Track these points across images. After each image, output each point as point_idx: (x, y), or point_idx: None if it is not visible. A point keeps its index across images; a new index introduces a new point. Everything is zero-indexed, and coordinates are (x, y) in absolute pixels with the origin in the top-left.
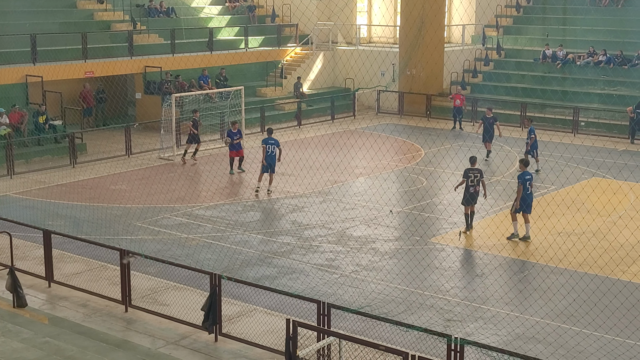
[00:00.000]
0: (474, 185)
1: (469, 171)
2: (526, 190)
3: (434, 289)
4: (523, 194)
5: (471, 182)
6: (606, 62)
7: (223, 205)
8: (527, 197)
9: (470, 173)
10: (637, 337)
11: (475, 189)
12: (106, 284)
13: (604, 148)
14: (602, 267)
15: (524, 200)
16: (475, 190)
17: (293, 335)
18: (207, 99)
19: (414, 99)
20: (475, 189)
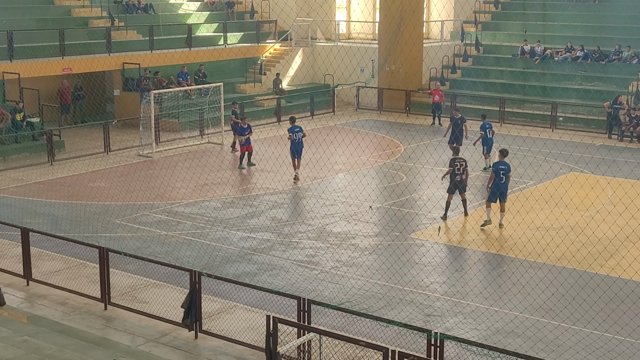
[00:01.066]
0: (460, 173)
1: (455, 160)
2: (500, 180)
3: (414, 284)
4: (496, 183)
5: (457, 171)
6: (584, 57)
7: (203, 202)
8: (501, 186)
9: (456, 162)
10: (615, 330)
11: (462, 177)
12: (85, 281)
13: (581, 143)
14: (579, 261)
15: (498, 188)
16: (462, 179)
17: (273, 331)
18: (186, 95)
19: (393, 94)
20: (462, 177)
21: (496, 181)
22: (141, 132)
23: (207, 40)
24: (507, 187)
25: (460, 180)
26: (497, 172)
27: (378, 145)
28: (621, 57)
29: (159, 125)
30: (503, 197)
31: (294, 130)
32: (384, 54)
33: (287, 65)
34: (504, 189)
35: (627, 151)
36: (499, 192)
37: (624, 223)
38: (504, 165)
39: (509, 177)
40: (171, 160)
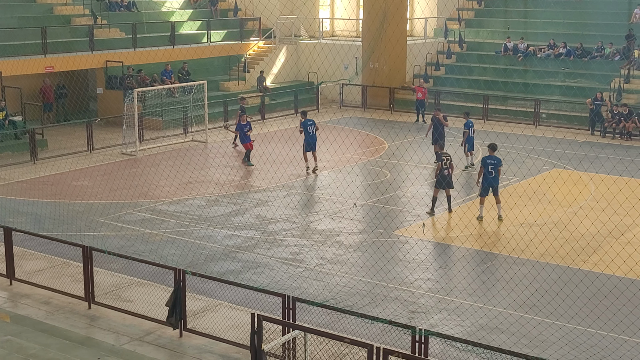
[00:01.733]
0: (447, 167)
1: (442, 155)
2: (489, 174)
3: (399, 281)
4: (485, 177)
5: (444, 165)
6: (566, 54)
7: (187, 200)
8: (492, 180)
9: (443, 157)
10: (598, 325)
11: (449, 171)
12: (69, 281)
13: (564, 139)
14: (563, 257)
15: (488, 182)
16: (449, 173)
17: (258, 329)
18: (170, 93)
19: (377, 92)
20: (449, 172)
21: (485, 174)
22: (125, 131)
23: (190, 38)
24: (497, 180)
25: (447, 175)
26: (485, 165)
27: (362, 142)
28: (603, 53)
29: (142, 124)
30: (495, 190)
31: (306, 124)
32: (367, 52)
33: (271, 63)
34: (495, 183)
35: (609, 147)
36: (489, 186)
37: (607, 219)
38: (493, 160)
39: (500, 171)
40: (155, 158)
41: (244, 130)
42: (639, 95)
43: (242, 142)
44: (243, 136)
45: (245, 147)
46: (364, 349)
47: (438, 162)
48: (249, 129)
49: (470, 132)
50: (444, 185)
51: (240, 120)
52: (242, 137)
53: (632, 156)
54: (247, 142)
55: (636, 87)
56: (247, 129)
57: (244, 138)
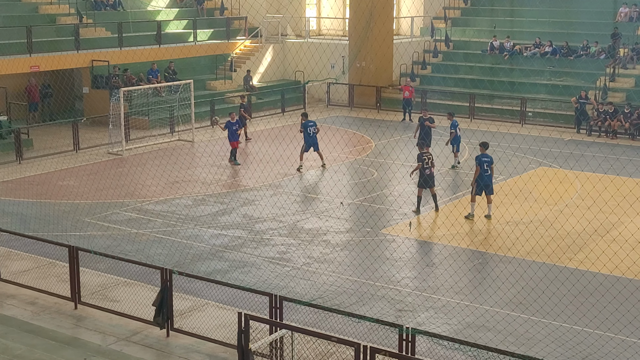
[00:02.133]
0: (429, 167)
1: (422, 155)
2: (484, 172)
3: (386, 280)
4: (481, 175)
5: (426, 165)
6: (552, 53)
7: (173, 199)
8: (486, 178)
9: (424, 156)
10: (584, 323)
11: (431, 170)
12: (55, 281)
13: (550, 137)
14: (549, 255)
15: (482, 180)
16: (431, 172)
17: (245, 328)
18: (156, 93)
19: (364, 91)
20: (431, 171)
21: (481, 173)
22: (111, 130)
23: (176, 37)
24: (491, 179)
25: (430, 174)
26: (481, 164)
27: (349, 141)
28: (589, 52)
29: (128, 123)
30: (488, 189)
31: (307, 125)
32: (354, 50)
33: (258, 62)
34: (489, 181)
35: (594, 145)
36: (483, 184)
37: (592, 217)
38: (487, 158)
39: (492, 169)
40: (141, 158)
41: (233, 128)
42: (624, 94)
43: (229, 140)
44: (231, 134)
45: (231, 146)
46: (351, 348)
47: (418, 162)
48: (237, 127)
49: (458, 131)
50: (429, 184)
51: (229, 118)
52: (230, 135)
53: (617, 154)
54: (234, 141)
55: (621, 86)
56: (236, 127)
57: (232, 136)
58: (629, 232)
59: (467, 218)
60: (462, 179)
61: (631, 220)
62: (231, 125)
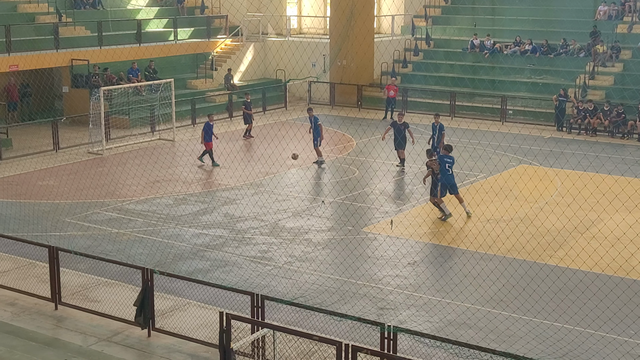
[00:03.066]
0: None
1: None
2: (447, 172)
3: (367, 278)
4: (445, 176)
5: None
6: (532, 51)
7: (154, 199)
8: (450, 178)
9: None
10: (564, 319)
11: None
12: (35, 281)
13: (530, 135)
14: (529, 252)
15: (448, 181)
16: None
17: (227, 328)
18: (137, 92)
19: (345, 89)
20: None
21: (443, 173)
22: (91, 129)
23: (157, 35)
24: (454, 178)
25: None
26: (443, 164)
27: (330, 140)
28: (568, 50)
29: (109, 122)
30: (454, 189)
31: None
32: (335, 49)
33: (239, 61)
34: (452, 181)
35: (574, 143)
36: (448, 185)
37: (572, 214)
38: (450, 159)
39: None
40: (122, 157)
41: (210, 130)
42: (603, 92)
43: (204, 141)
44: (207, 135)
45: (206, 147)
46: (333, 346)
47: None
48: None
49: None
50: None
51: (209, 120)
52: (207, 135)
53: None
54: (209, 142)
55: (601, 84)
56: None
57: (208, 137)
58: (608, 229)
59: (443, 220)
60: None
61: (610, 217)
62: (209, 127)
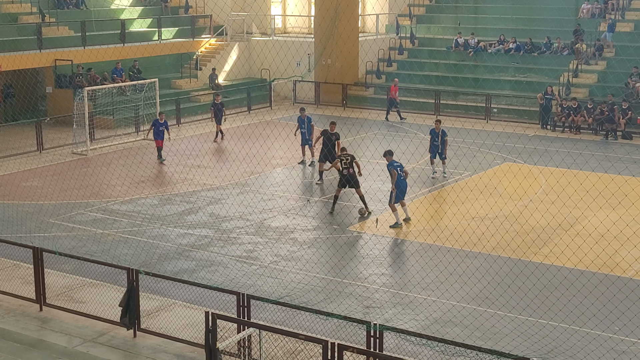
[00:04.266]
0: (347, 167)
1: (341, 155)
2: (400, 176)
3: (353, 277)
4: (401, 181)
5: (344, 165)
6: (516, 49)
7: (139, 199)
8: (401, 183)
9: (342, 157)
10: (549, 316)
11: (349, 171)
12: (19, 283)
13: (514, 133)
14: (514, 250)
15: (399, 186)
16: (348, 172)
17: (212, 327)
18: (121, 92)
19: (330, 88)
20: (348, 171)
21: (398, 179)
22: (75, 130)
23: (141, 35)
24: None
25: (347, 174)
26: (396, 169)
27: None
28: (552, 48)
29: (93, 123)
30: (403, 194)
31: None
32: (319, 48)
33: (223, 60)
34: (405, 187)
35: (558, 141)
36: (399, 190)
37: (556, 211)
38: (398, 163)
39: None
40: (106, 157)
41: (160, 129)
42: (587, 89)
43: (156, 138)
44: (156, 132)
45: (156, 144)
46: (319, 345)
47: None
48: (163, 127)
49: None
50: (344, 184)
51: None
52: (155, 132)
53: (580, 149)
54: (158, 139)
55: (584, 81)
56: (162, 127)
57: (156, 134)
58: (592, 226)
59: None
60: (427, 175)
61: (594, 214)
62: (158, 124)
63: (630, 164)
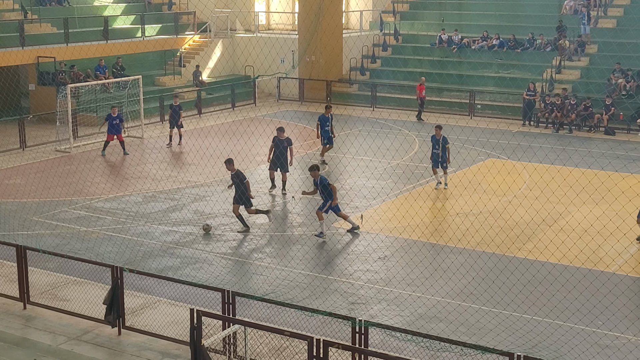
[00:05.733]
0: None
1: (232, 176)
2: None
3: (338, 273)
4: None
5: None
6: (499, 46)
7: (123, 196)
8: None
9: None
10: (533, 311)
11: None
12: (3, 281)
13: (498, 129)
14: (498, 246)
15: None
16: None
17: (197, 325)
18: (104, 89)
19: (314, 85)
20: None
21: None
22: (58, 127)
23: (124, 32)
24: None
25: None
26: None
27: (299, 135)
28: (535, 45)
29: (76, 120)
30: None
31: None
32: (303, 45)
33: (207, 57)
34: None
35: (541, 137)
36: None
37: (540, 206)
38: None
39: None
40: (90, 155)
41: (113, 122)
42: (570, 85)
43: (108, 132)
44: (109, 127)
45: (107, 138)
46: (304, 342)
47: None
48: (117, 121)
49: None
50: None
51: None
52: (109, 127)
53: (564, 145)
54: (111, 134)
55: (567, 77)
56: (116, 121)
57: (110, 129)
58: (575, 221)
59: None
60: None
61: (578, 210)
62: (111, 119)
63: (613, 160)
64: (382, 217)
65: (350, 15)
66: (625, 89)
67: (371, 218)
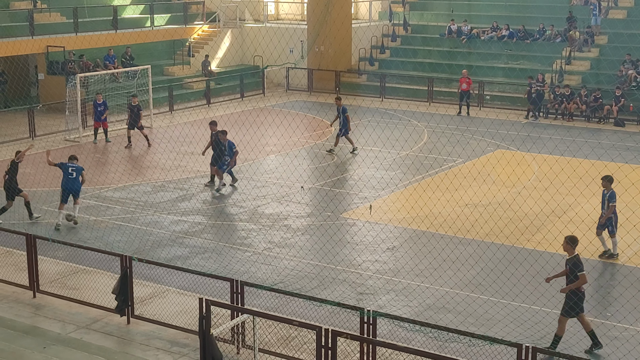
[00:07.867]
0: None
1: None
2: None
3: (346, 263)
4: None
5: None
6: (509, 36)
7: (132, 186)
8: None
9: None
10: (542, 302)
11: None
12: (12, 270)
13: (507, 120)
14: (507, 237)
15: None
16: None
17: (206, 314)
18: (113, 79)
19: (323, 75)
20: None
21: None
22: (67, 117)
23: (133, 22)
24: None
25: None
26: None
27: (308, 126)
28: (545, 36)
29: (85, 109)
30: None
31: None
32: (312, 35)
33: (216, 47)
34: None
35: (551, 128)
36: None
37: (549, 198)
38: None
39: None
40: (98, 144)
41: (98, 110)
42: (579, 77)
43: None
44: (96, 115)
45: (94, 125)
46: (313, 331)
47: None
48: (102, 108)
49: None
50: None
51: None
52: (95, 115)
53: (573, 136)
54: (97, 122)
55: (577, 69)
56: (101, 108)
57: (96, 117)
58: (585, 213)
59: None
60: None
61: (587, 201)
62: (97, 106)
63: (622, 151)
64: (391, 207)
65: (359, 5)
66: (635, 80)
67: (380, 208)
